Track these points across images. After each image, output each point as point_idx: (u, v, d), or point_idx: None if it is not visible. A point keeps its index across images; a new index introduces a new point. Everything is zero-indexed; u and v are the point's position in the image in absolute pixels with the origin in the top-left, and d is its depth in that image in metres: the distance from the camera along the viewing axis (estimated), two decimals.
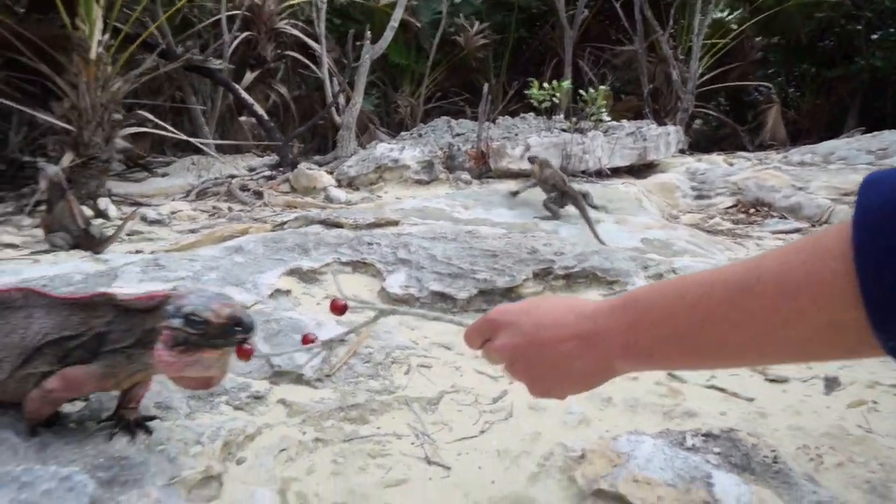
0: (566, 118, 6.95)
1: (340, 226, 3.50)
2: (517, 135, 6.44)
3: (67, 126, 5.16)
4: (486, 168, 5.90)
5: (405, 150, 6.18)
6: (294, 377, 1.91)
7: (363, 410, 1.78)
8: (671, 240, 3.85)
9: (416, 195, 5.24)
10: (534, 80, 6.60)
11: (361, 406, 1.80)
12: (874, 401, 1.84)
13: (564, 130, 6.47)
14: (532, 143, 6.05)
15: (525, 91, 7.03)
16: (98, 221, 4.36)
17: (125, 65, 5.72)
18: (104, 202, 5.00)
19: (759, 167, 6.22)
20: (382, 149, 6.30)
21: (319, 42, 8.03)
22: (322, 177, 5.80)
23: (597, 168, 6.22)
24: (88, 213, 4.13)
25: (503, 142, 6.12)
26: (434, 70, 11.03)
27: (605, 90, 6.76)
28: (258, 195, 5.62)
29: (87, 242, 3.55)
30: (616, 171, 6.42)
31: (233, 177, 6.29)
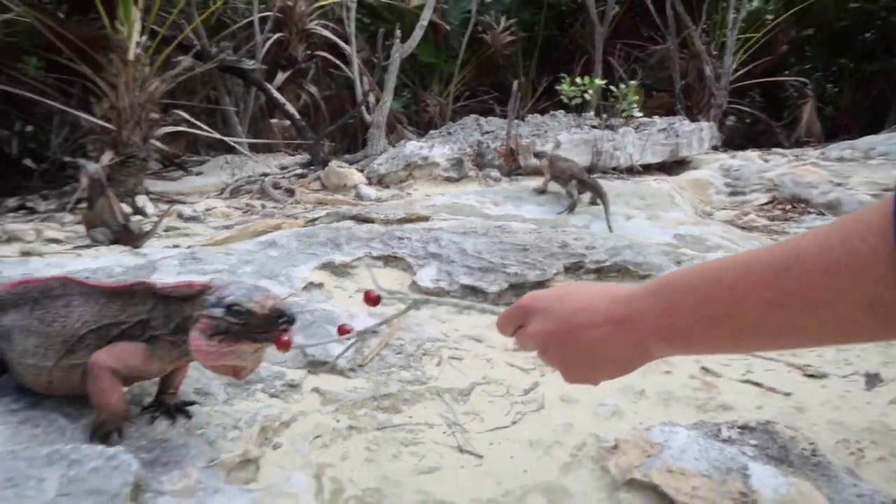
0: (596, 115, 6.89)
1: (371, 221, 3.53)
2: (547, 132, 6.41)
3: (107, 125, 5.30)
4: (516, 165, 5.88)
5: (434, 148, 6.20)
6: (328, 367, 1.94)
7: (395, 400, 1.80)
8: (704, 235, 3.80)
9: (446, 192, 5.25)
10: (565, 76, 6.56)
11: (394, 396, 1.82)
12: None
13: (595, 127, 6.41)
14: (562, 140, 6.02)
15: (556, 87, 6.99)
16: (136, 218, 4.47)
17: (162, 66, 5.86)
18: (142, 199, 5.12)
19: (796, 163, 6.08)
20: (412, 147, 6.33)
21: (349, 42, 8.10)
22: (352, 174, 5.84)
23: (628, 165, 6.16)
24: (127, 210, 4.23)
25: (533, 139, 6.10)
26: (463, 69, 11.03)
27: (636, 86, 6.68)
28: (290, 193, 5.69)
29: (127, 237, 3.64)
30: (647, 168, 6.35)
31: (265, 175, 6.38)
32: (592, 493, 1.38)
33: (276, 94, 7.60)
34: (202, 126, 6.45)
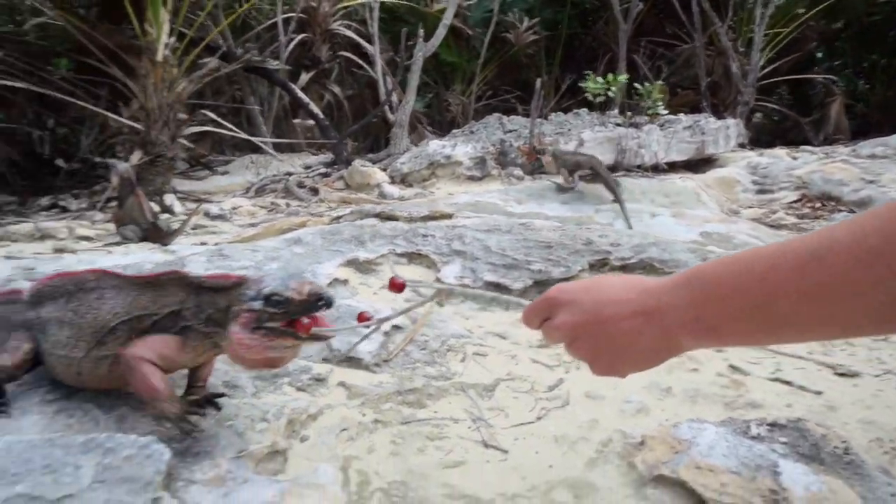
0: (620, 113, 6.83)
1: (395, 219, 3.55)
2: (570, 130, 6.36)
3: (136, 125, 5.41)
4: (539, 164, 5.85)
5: (457, 147, 6.20)
6: (353, 361, 1.95)
7: (420, 395, 1.81)
8: (732, 233, 3.74)
9: (469, 191, 5.25)
10: (590, 73, 6.52)
11: (418, 391, 1.82)
12: None
13: (619, 125, 6.36)
14: (585, 138, 5.98)
15: (580, 84, 6.94)
16: (164, 216, 4.55)
17: (190, 67, 5.95)
18: (170, 198, 5.21)
19: (826, 160, 5.96)
20: (435, 146, 6.34)
21: (373, 42, 8.15)
22: (375, 173, 5.87)
23: (652, 163, 6.09)
24: (155, 209, 4.31)
25: (556, 137, 6.07)
26: (485, 68, 11.02)
27: (661, 84, 6.61)
28: (314, 192, 5.74)
29: (156, 235, 3.71)
30: (672, 166, 6.28)
31: (290, 174, 6.44)
32: (619, 489, 1.38)
33: (301, 94, 7.67)
34: (228, 126, 6.54)
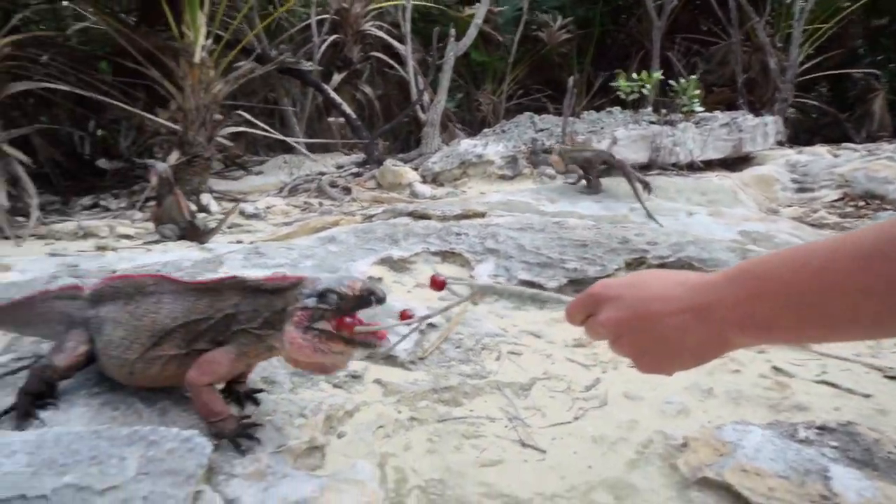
0: (654, 111, 6.73)
1: (428, 217, 3.55)
2: (603, 128, 6.29)
3: (174, 126, 5.52)
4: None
5: (489, 146, 6.19)
6: (388, 359, 1.96)
7: (456, 393, 1.80)
8: (772, 232, 3.65)
9: (500, 189, 5.23)
10: (621, 71, 6.44)
11: (454, 389, 1.82)
12: None
13: (653, 123, 6.26)
14: (619, 136, 5.90)
15: (611, 83, 6.86)
16: (201, 215, 4.63)
17: (226, 69, 6.05)
18: (206, 198, 5.31)
19: (870, 158, 5.78)
20: (466, 145, 6.34)
21: (405, 42, 8.17)
22: (407, 173, 5.89)
23: (688, 161, 5.99)
24: (193, 208, 4.39)
25: (589, 136, 6.01)
26: (516, 67, 10.97)
27: (696, 81, 6.49)
28: (347, 191, 5.79)
29: (193, 233, 3.78)
30: (709, 165, 6.16)
31: (322, 174, 6.51)
32: (661, 491, 1.35)
33: (333, 95, 7.74)
34: (262, 126, 6.63)
